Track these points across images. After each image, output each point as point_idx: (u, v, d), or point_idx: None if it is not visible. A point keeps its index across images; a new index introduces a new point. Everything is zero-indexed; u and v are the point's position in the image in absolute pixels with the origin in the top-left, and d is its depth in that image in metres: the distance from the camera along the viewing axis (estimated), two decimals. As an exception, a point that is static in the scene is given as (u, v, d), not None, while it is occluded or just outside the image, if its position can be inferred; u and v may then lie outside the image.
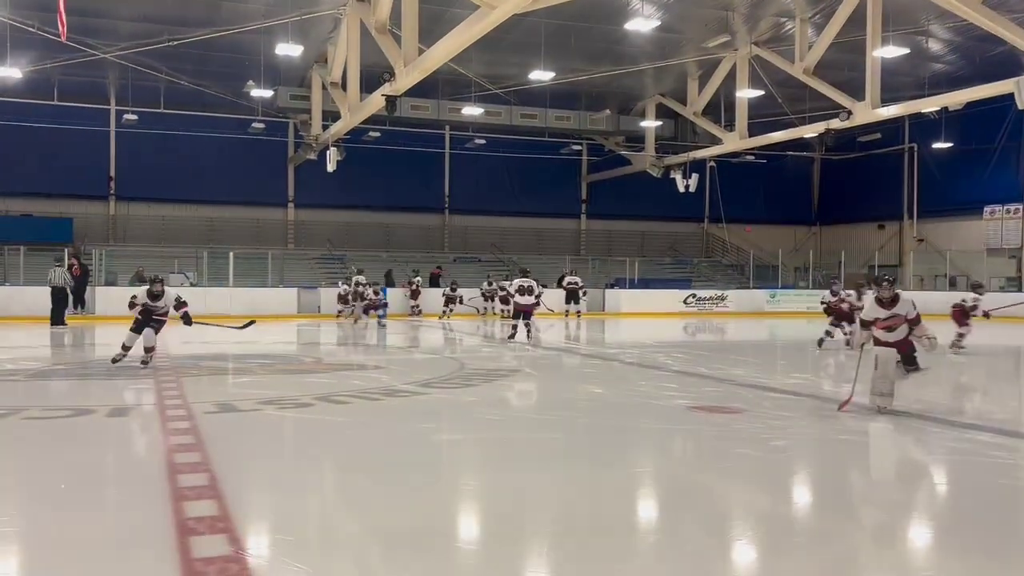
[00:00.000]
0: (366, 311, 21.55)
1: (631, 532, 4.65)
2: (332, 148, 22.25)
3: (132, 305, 10.77)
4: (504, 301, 22.63)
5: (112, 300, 20.45)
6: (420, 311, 23.91)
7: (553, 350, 15.47)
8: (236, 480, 5.31)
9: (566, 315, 23.99)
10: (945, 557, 4.25)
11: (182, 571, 3.66)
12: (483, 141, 31.65)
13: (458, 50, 14.42)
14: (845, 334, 14.29)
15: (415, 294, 24.25)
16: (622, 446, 6.89)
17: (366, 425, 7.55)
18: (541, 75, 22.55)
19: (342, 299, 22.38)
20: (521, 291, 16.39)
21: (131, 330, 10.75)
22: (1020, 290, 26.76)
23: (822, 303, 15.31)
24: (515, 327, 16.06)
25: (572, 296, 24.43)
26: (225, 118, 28.22)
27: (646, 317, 23.93)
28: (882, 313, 7.85)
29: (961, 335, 13.79)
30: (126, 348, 10.70)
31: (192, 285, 24.19)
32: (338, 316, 22.38)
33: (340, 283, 23.20)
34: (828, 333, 14.69)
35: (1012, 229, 28.42)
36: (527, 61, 22.54)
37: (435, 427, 7.66)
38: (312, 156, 25.21)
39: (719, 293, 28.06)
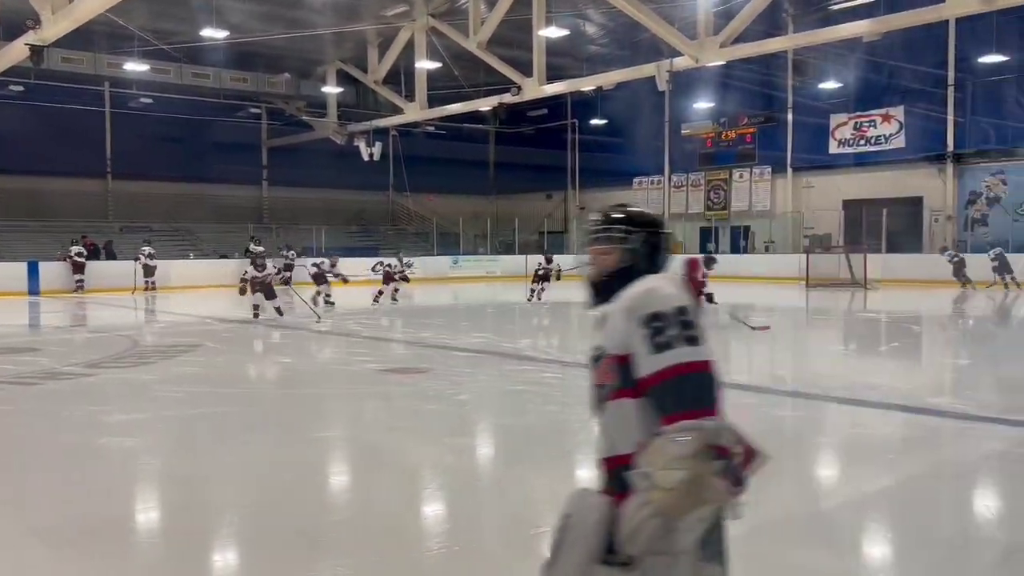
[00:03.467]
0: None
1: (324, 498, 4.73)
2: (-38, 102, 19.19)
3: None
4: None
5: None
6: (83, 286, 21.58)
7: (238, 323, 14.89)
8: None
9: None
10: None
11: None
12: (150, 100, 29.09)
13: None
14: None
15: (79, 267, 21.81)
16: (313, 414, 6.91)
17: (23, 412, 6.80)
18: (214, 33, 21.22)
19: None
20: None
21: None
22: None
23: None
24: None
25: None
26: None
27: (336, 285, 23.73)
28: None
29: None
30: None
31: None
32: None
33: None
34: None
35: (656, 198, 32.31)
36: (198, 17, 21.06)
37: (107, 409, 7.10)
38: (-65, 111, 21.56)
39: (407, 260, 28.64)
